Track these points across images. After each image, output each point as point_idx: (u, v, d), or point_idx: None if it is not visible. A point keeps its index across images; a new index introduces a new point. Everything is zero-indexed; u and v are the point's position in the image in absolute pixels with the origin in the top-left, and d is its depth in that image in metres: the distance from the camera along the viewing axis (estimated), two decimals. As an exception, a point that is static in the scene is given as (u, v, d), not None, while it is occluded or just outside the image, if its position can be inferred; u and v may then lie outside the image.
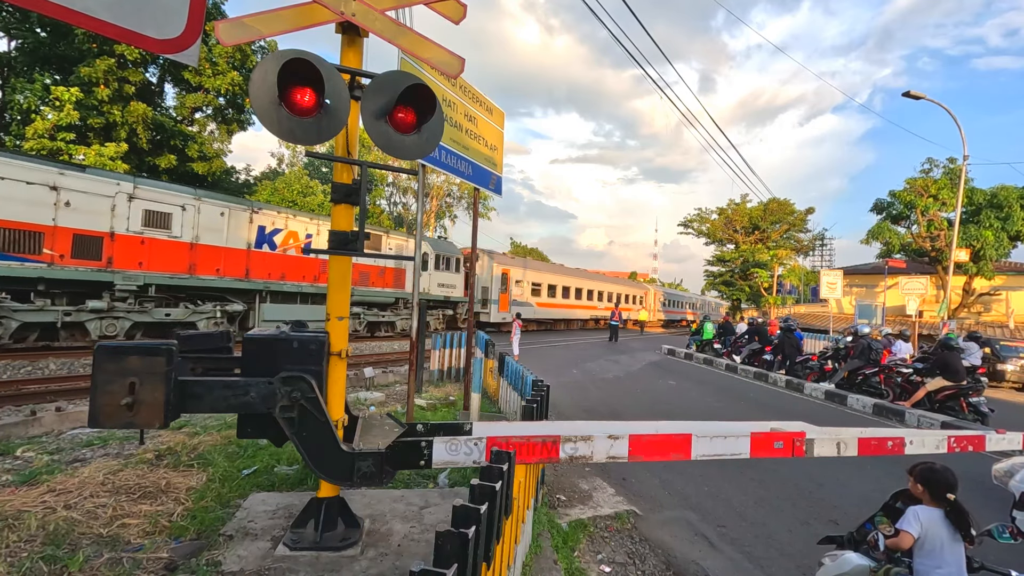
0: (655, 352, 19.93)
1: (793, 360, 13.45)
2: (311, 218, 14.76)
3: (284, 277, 13.74)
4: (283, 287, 13.71)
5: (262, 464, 4.49)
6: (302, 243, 14.19)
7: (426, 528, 3.50)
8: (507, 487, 2.19)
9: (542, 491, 4.45)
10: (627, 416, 8.38)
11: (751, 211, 38.91)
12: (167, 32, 2.69)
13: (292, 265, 14.03)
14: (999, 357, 15.73)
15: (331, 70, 2.74)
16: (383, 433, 3.50)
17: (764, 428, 3.06)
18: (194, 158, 21.20)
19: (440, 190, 39.49)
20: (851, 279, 31.42)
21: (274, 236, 13.63)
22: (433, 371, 9.93)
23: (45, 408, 6.21)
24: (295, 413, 2.70)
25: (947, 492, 2.32)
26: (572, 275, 31.13)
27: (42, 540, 2.98)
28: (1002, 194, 23.72)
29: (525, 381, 5.51)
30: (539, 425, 3.69)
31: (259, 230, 13.17)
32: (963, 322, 25.05)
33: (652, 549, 3.95)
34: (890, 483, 3.36)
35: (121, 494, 3.65)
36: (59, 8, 2.35)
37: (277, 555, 3.01)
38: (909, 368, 10.57)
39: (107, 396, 2.38)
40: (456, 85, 6.20)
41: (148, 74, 21.13)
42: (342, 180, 3.19)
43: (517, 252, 54.58)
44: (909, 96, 15.53)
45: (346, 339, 3.22)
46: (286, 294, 13.90)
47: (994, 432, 3.65)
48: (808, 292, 36.51)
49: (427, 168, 6.19)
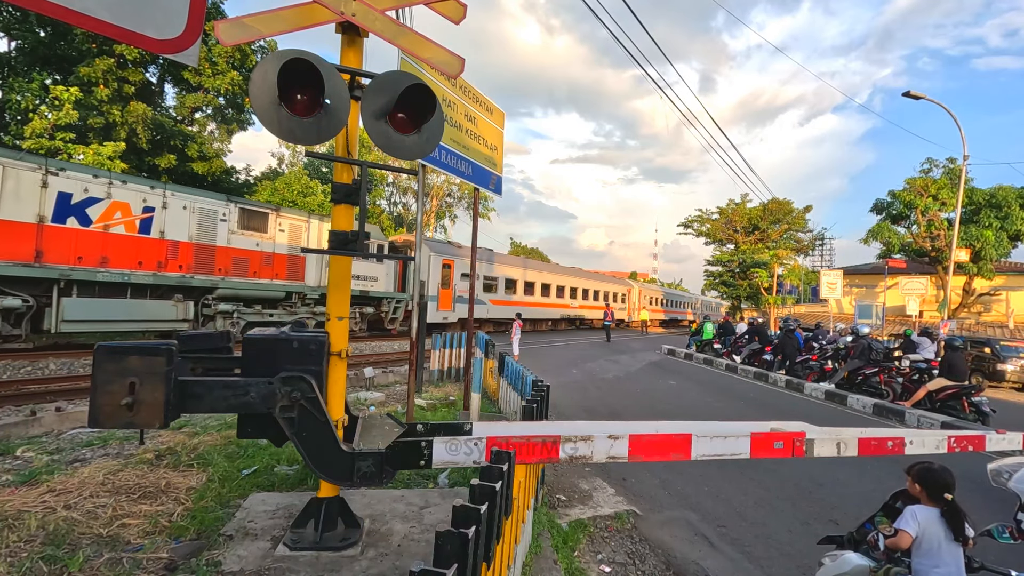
0: (655, 352, 19.93)
1: (793, 360, 13.45)
2: (152, 187, 11.12)
3: (106, 263, 10.25)
4: (98, 275, 10.08)
5: (262, 464, 4.49)
6: (138, 218, 10.68)
7: (426, 528, 3.50)
8: (507, 487, 2.19)
9: (542, 491, 4.45)
10: (627, 416, 8.38)
11: (751, 211, 38.89)
12: (167, 32, 2.69)
13: (119, 246, 10.48)
14: (999, 357, 15.74)
15: (331, 70, 2.74)
16: (383, 433, 3.50)
17: (764, 428, 3.06)
18: (194, 158, 21.18)
19: (440, 190, 39.52)
20: (851, 279, 31.45)
21: (87, 208, 10.09)
22: (433, 371, 9.94)
23: (45, 408, 6.21)
24: (295, 413, 2.70)
25: (944, 492, 2.33)
26: (537, 269, 27.62)
27: (42, 540, 2.98)
28: (1001, 194, 23.74)
29: (525, 381, 5.51)
30: (539, 425, 3.69)
31: (60, 198, 9.71)
32: (963, 322, 25.07)
33: (652, 549, 3.95)
34: (890, 483, 3.36)
35: (121, 494, 3.65)
36: (59, 8, 2.35)
37: (277, 555, 3.01)
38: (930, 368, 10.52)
39: (107, 396, 2.38)
40: (456, 85, 6.20)
41: (148, 74, 21.14)
42: (342, 180, 3.19)
43: (517, 252, 54.56)
44: (909, 96, 15.53)
45: (346, 339, 3.22)
46: (106, 285, 10.30)
47: (994, 432, 3.65)
48: (808, 292, 36.53)
49: (427, 168, 6.19)
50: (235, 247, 12.64)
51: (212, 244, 12.10)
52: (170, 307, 11.18)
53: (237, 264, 12.70)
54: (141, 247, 10.88)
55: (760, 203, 37.61)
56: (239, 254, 12.77)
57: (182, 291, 11.55)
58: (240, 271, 12.78)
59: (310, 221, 14.63)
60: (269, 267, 13.50)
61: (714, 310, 53.18)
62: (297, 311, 14.38)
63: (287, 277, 13.98)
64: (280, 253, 13.74)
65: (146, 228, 10.88)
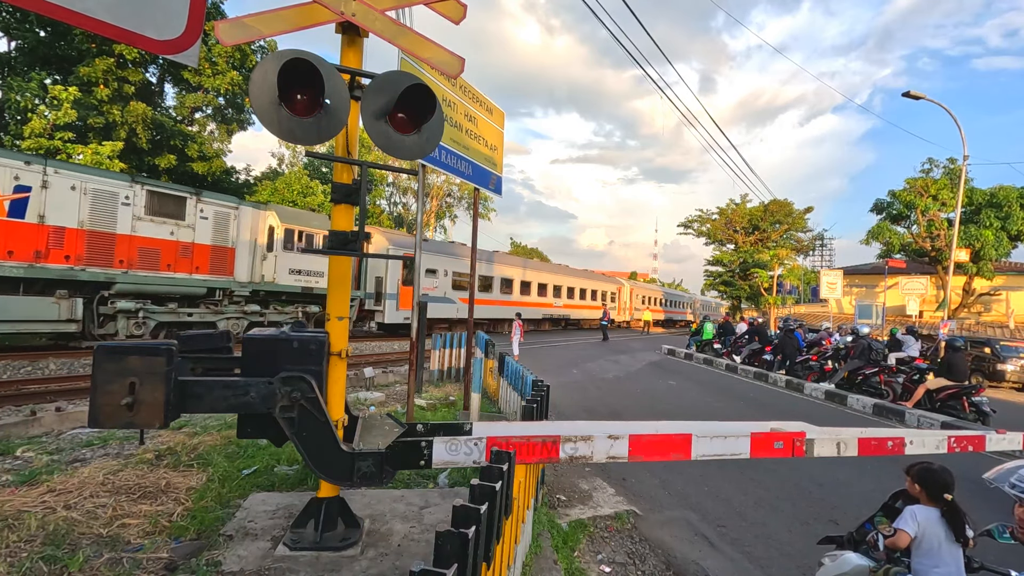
0: (655, 352, 19.93)
1: (793, 360, 13.45)
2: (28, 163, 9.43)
3: None
4: None
5: (262, 464, 4.49)
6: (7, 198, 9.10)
7: (426, 528, 3.50)
8: (507, 487, 2.19)
9: (542, 491, 4.45)
10: (627, 416, 8.38)
11: (751, 211, 38.92)
12: (167, 33, 2.69)
13: None
14: (999, 357, 15.75)
15: (331, 70, 2.74)
16: (383, 433, 3.50)
17: (764, 428, 3.06)
18: (194, 158, 21.20)
19: (440, 190, 39.51)
20: (851, 279, 31.45)
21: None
22: (433, 371, 9.94)
23: (45, 408, 6.21)
24: (295, 413, 2.70)
25: (944, 492, 2.33)
26: (515, 265, 25.08)
27: (42, 540, 2.98)
28: (1001, 194, 23.74)
29: (525, 381, 5.51)
30: (539, 425, 3.69)
31: None
32: (963, 322, 25.07)
33: (652, 549, 3.95)
34: (890, 483, 3.36)
35: (121, 494, 3.65)
36: (59, 9, 2.35)
37: (277, 555, 3.02)
38: (919, 365, 10.71)
39: (107, 396, 2.38)
40: (456, 85, 6.20)
41: (148, 74, 21.16)
42: (342, 180, 3.19)
43: (517, 252, 54.52)
44: (909, 96, 15.52)
45: (346, 339, 3.22)
46: None
47: (994, 432, 3.65)
48: (808, 292, 36.54)
49: (427, 168, 6.19)
50: (142, 235, 10.83)
51: (111, 232, 10.37)
52: (50, 305, 9.57)
53: (144, 255, 10.89)
54: (12, 233, 9.15)
55: (760, 203, 37.64)
56: (147, 244, 10.94)
57: (68, 286, 9.88)
58: (149, 264, 10.97)
59: (240, 208, 12.69)
60: (187, 259, 11.65)
61: (713, 310, 53.15)
62: (224, 310, 12.63)
63: (211, 271, 12.12)
64: (202, 243, 11.90)
65: (19, 211, 9.17)
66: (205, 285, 12.11)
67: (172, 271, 11.44)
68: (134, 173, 14.35)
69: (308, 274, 14.36)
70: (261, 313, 13.49)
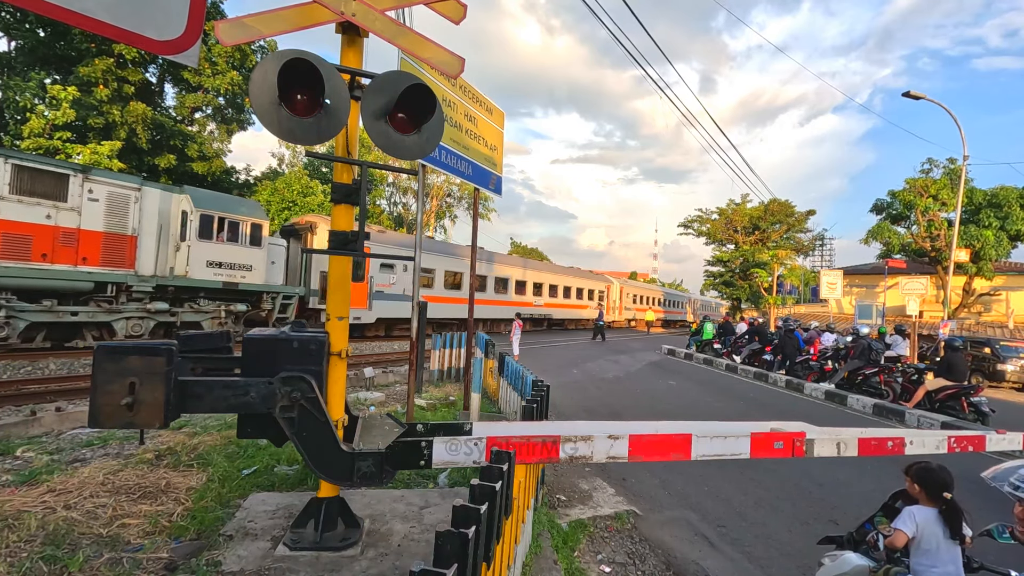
0: (655, 352, 19.93)
1: (793, 360, 13.46)
2: None
3: None
4: None
5: (262, 464, 4.49)
6: None
7: (426, 528, 3.50)
8: (507, 487, 2.19)
9: (542, 491, 4.45)
10: (627, 416, 8.38)
11: (751, 211, 38.90)
12: (167, 33, 2.69)
13: None
14: (999, 357, 15.76)
15: (331, 70, 2.74)
16: (383, 433, 3.50)
17: (764, 428, 3.06)
18: (194, 158, 21.21)
19: (440, 190, 39.52)
20: (851, 279, 31.43)
21: None
22: (433, 371, 9.94)
23: (45, 408, 6.21)
24: (295, 413, 2.70)
25: (943, 491, 2.33)
26: (488, 261, 23.39)
27: (42, 540, 2.98)
28: (1002, 194, 23.73)
29: (525, 381, 5.51)
30: (539, 425, 3.69)
31: None
32: (963, 322, 25.07)
33: (652, 549, 3.95)
34: (890, 483, 3.36)
35: (121, 494, 3.65)
36: (59, 9, 2.35)
37: (277, 555, 3.02)
38: (910, 366, 10.79)
39: (107, 396, 2.38)
40: (456, 85, 6.20)
41: (148, 74, 21.16)
42: (342, 180, 3.19)
43: (517, 252, 54.50)
44: (909, 96, 15.54)
45: (346, 339, 3.21)
46: None
47: (994, 432, 3.65)
48: (808, 292, 36.54)
49: (427, 168, 6.19)
50: (6, 219, 9.04)
51: None
52: None
53: (10, 243, 9.10)
54: None
55: (760, 203, 37.63)
56: (14, 229, 9.13)
57: None
58: (16, 253, 9.16)
59: (143, 190, 10.73)
60: (70, 248, 9.79)
61: (713, 310, 53.14)
62: (121, 308, 10.61)
63: (103, 262, 10.23)
64: (91, 230, 9.99)
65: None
66: (93, 279, 10.12)
67: (48, 262, 9.54)
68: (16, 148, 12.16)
69: (231, 267, 12.23)
70: (172, 312, 11.46)
